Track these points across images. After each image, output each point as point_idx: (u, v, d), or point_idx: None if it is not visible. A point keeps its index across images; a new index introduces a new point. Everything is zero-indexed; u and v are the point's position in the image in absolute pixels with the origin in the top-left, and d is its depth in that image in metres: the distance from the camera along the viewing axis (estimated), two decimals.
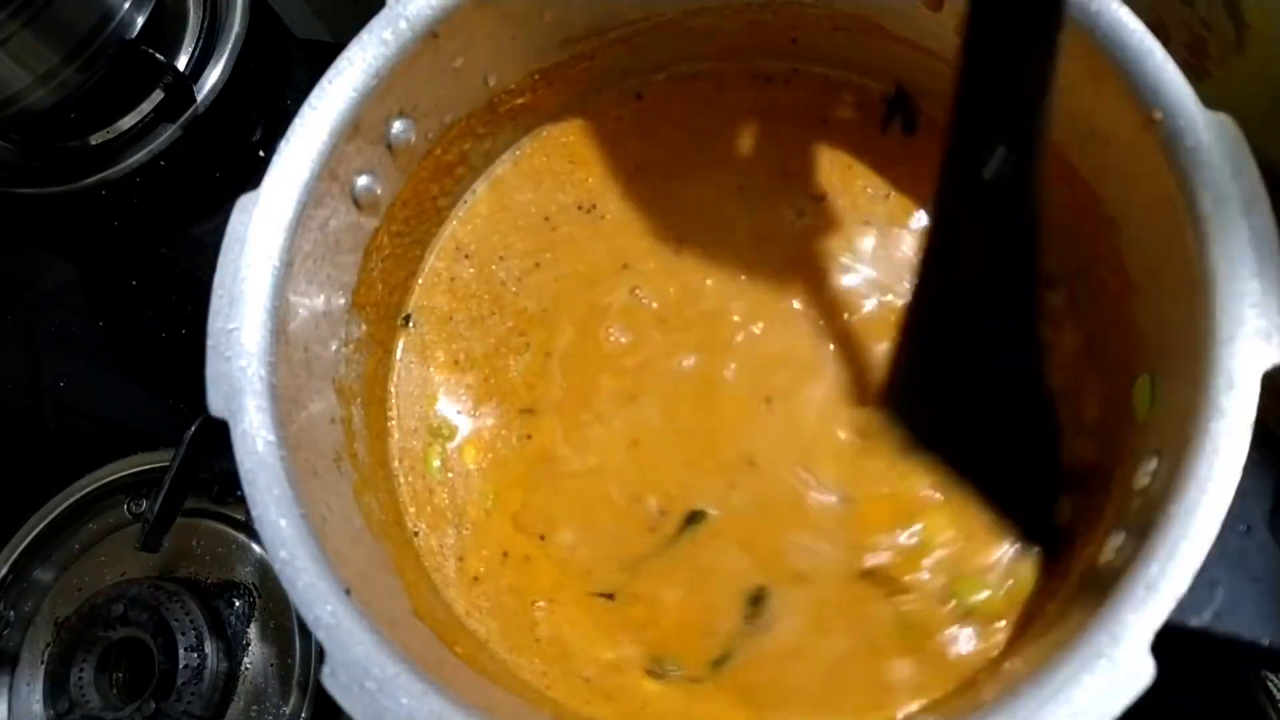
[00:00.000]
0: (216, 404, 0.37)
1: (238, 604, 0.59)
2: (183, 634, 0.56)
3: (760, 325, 0.47)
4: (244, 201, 0.39)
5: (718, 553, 0.44)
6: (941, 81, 0.47)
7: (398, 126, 0.44)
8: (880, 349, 0.46)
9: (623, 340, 0.48)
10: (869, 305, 0.47)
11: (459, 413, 0.48)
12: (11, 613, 0.61)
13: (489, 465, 0.47)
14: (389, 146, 0.44)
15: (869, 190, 0.49)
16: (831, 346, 0.46)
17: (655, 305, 0.48)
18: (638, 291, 0.49)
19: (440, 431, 0.48)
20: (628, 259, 0.49)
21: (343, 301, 0.44)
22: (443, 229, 0.51)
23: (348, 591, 0.35)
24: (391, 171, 0.45)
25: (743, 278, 0.48)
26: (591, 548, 0.45)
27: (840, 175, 0.49)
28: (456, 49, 0.44)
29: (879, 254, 0.48)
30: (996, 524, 0.42)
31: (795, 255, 0.48)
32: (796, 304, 0.47)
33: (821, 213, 0.49)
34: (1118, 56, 0.37)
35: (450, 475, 0.47)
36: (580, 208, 0.51)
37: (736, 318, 0.47)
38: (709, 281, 0.48)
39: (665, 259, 0.49)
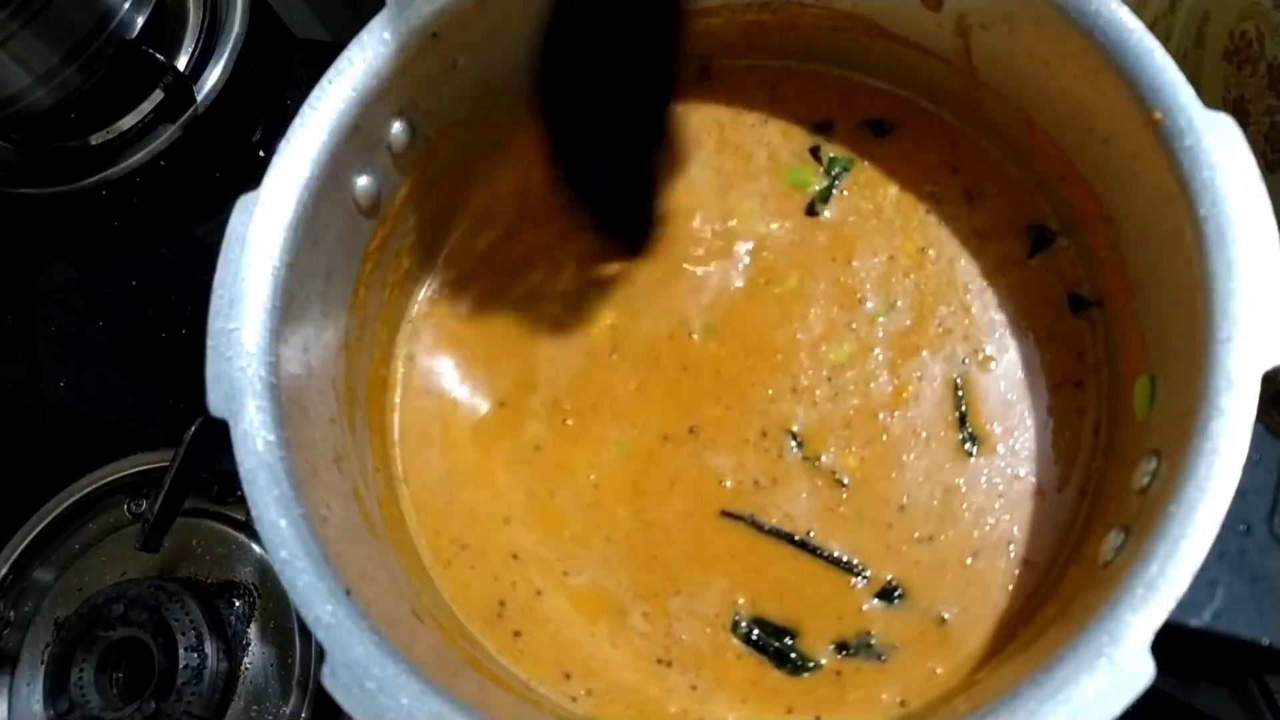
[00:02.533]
0: (216, 404, 0.37)
1: (238, 604, 0.59)
2: (183, 634, 0.56)
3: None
4: (244, 201, 0.39)
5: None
6: (941, 81, 0.47)
7: (398, 127, 0.44)
8: None
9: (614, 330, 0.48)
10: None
11: (458, 413, 0.48)
12: (11, 613, 0.61)
13: (488, 467, 0.47)
14: (389, 146, 0.44)
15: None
16: None
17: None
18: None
19: (440, 432, 0.48)
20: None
21: (343, 302, 0.44)
22: (443, 231, 0.51)
23: (348, 592, 0.35)
24: (391, 171, 0.45)
25: None
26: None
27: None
28: (456, 49, 0.44)
29: None
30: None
31: None
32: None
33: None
34: (1117, 56, 0.37)
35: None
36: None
37: None
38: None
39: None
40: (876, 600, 0.43)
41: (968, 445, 0.44)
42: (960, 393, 0.45)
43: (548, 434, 0.47)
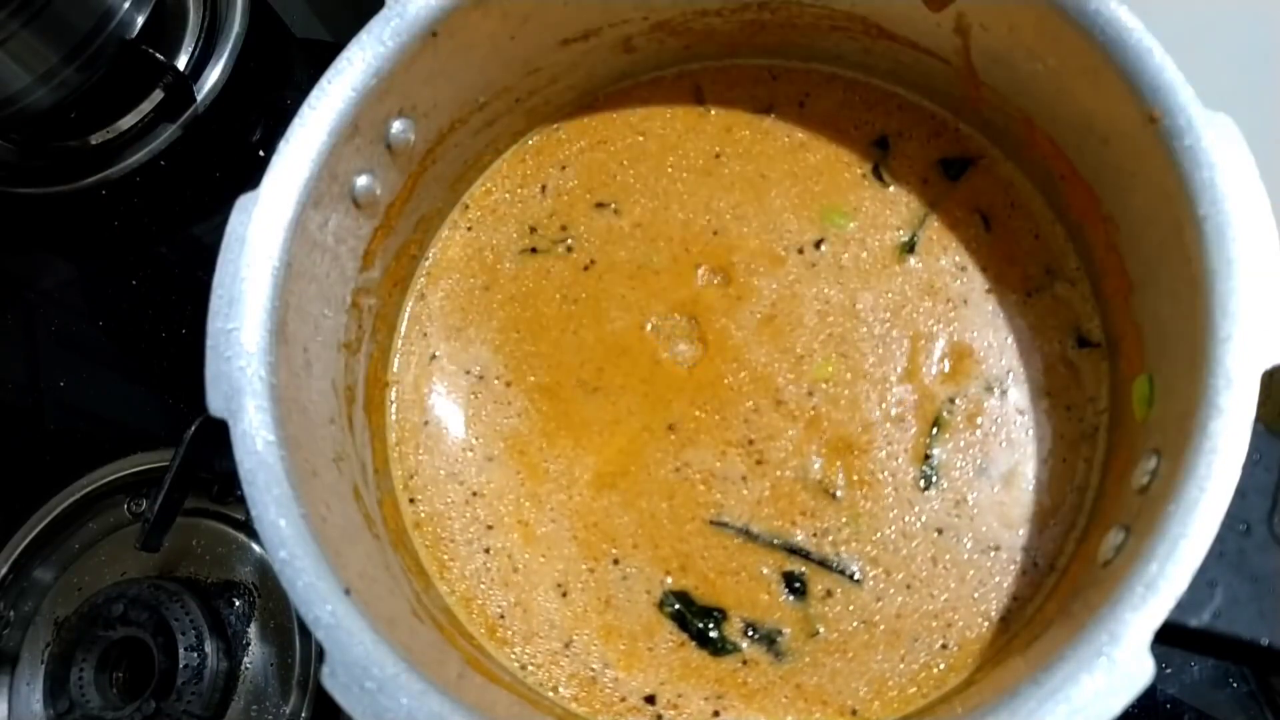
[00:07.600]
0: (216, 404, 0.37)
1: (238, 604, 0.59)
2: (183, 634, 0.56)
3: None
4: (244, 201, 0.39)
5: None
6: (941, 81, 0.47)
7: (397, 126, 0.44)
8: None
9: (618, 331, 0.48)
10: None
11: (457, 413, 0.48)
12: (11, 613, 0.61)
13: (487, 465, 0.47)
14: (389, 146, 0.44)
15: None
16: None
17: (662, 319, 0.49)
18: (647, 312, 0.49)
19: (439, 431, 0.48)
20: (635, 260, 0.50)
21: (342, 301, 0.44)
22: (441, 230, 0.51)
23: (347, 591, 0.35)
24: (391, 171, 0.45)
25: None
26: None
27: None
28: (456, 49, 0.44)
29: None
30: None
31: None
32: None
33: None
34: (1117, 56, 0.37)
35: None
36: (590, 206, 0.51)
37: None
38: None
39: (670, 259, 0.49)
40: (847, 598, 0.43)
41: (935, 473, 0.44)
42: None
43: (548, 430, 0.47)
